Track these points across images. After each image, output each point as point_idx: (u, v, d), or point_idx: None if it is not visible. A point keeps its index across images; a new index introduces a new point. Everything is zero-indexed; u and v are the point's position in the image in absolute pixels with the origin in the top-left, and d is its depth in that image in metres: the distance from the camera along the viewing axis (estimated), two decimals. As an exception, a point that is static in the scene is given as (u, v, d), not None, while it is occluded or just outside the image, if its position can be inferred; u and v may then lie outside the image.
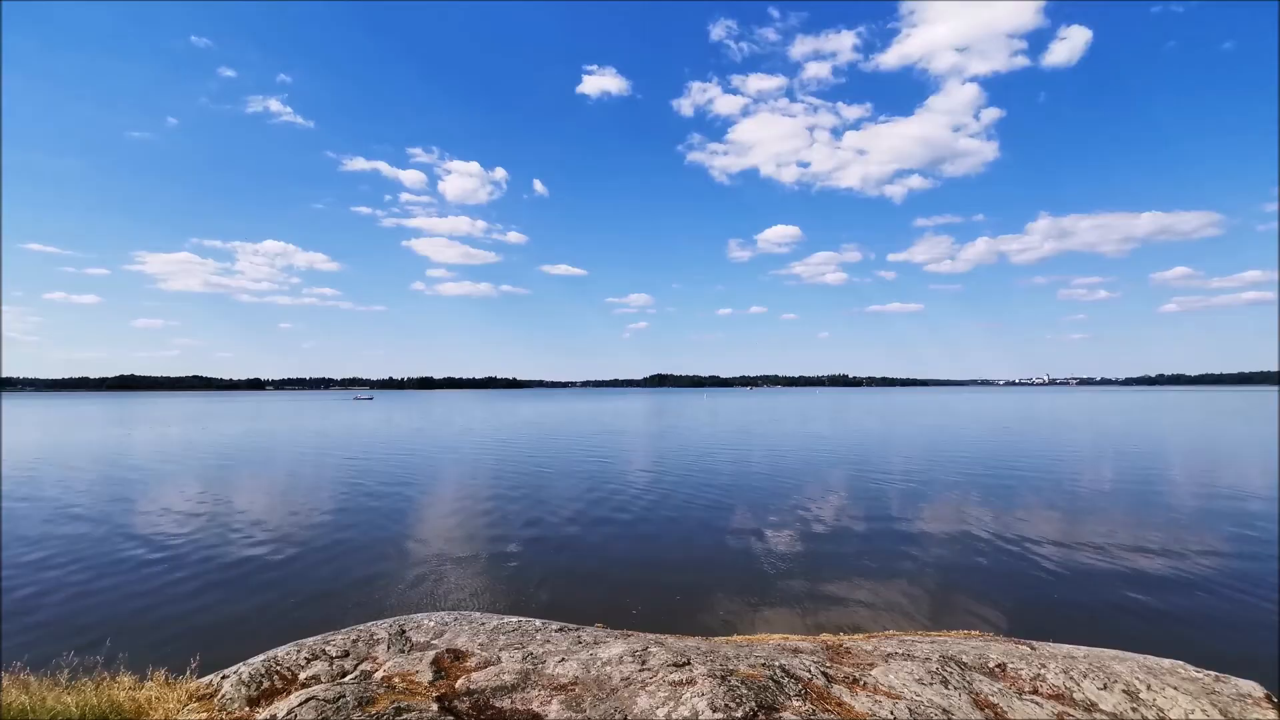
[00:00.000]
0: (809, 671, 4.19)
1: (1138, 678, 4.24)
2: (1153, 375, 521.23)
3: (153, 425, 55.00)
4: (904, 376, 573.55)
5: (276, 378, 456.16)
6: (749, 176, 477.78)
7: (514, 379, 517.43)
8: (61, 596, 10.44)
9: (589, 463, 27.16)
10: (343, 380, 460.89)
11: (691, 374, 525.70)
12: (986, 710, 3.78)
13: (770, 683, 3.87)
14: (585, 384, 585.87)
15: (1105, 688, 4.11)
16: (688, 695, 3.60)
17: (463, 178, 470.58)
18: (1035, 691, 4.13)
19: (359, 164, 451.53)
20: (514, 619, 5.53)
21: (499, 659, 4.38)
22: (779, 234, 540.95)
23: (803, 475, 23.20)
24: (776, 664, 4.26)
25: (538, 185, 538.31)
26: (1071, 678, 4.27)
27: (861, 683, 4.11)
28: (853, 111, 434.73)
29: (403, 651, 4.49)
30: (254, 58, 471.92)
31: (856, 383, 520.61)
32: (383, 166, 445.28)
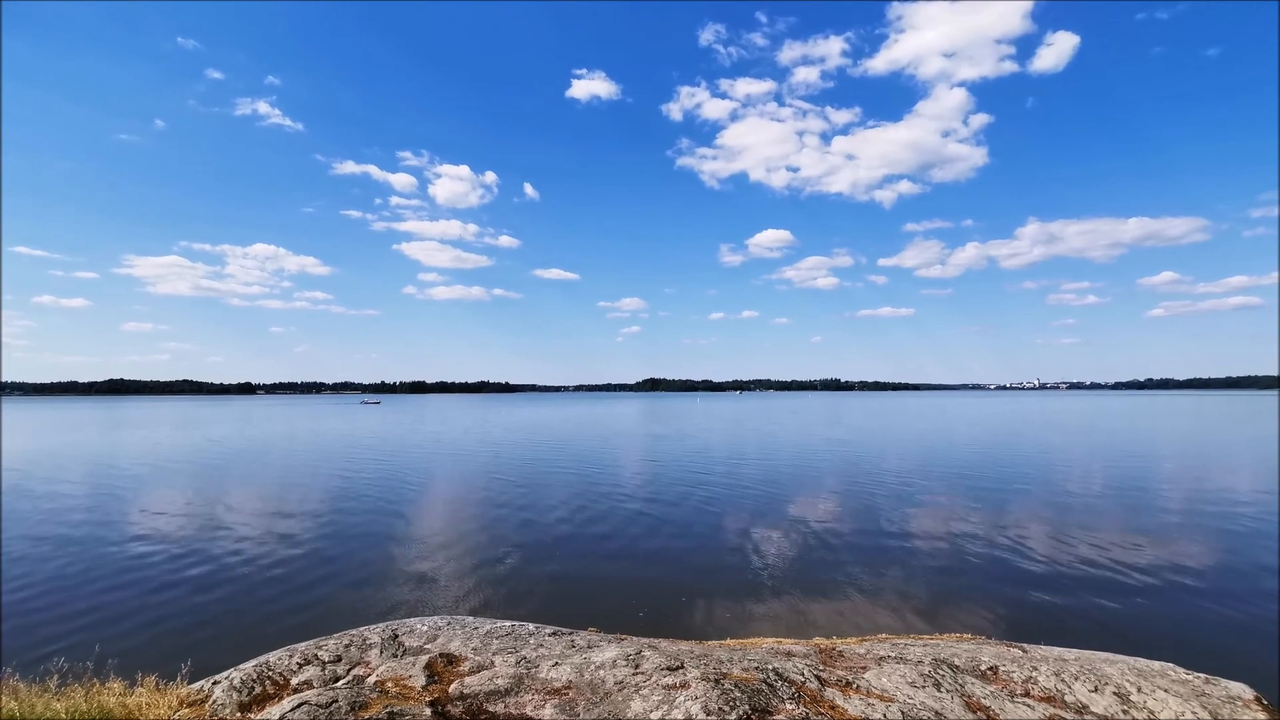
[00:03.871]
0: (802, 674, 4.20)
1: (1129, 680, 4.28)
2: (1142, 379, 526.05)
3: (163, 429, 54.42)
4: (896, 381, 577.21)
5: (268, 382, 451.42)
6: (739, 181, 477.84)
7: (506, 383, 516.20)
8: (51, 601, 10.30)
9: (590, 464, 27.13)
10: (334, 385, 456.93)
11: (684, 378, 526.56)
12: (979, 713, 3.80)
13: (763, 686, 3.88)
14: (578, 388, 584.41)
15: (1096, 690, 4.15)
16: (681, 699, 3.61)
17: (453, 181, 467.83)
18: (1027, 694, 4.16)
19: (349, 167, 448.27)
20: (507, 623, 5.52)
21: (492, 663, 4.37)
22: (770, 238, 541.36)
23: (797, 478, 23.22)
24: (770, 667, 4.28)
25: (528, 189, 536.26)
26: (1063, 680, 4.30)
27: (854, 686, 4.13)
28: (842, 116, 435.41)
29: (395, 656, 4.47)
30: (242, 60, 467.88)
31: (849, 387, 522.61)
32: (373, 170, 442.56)
